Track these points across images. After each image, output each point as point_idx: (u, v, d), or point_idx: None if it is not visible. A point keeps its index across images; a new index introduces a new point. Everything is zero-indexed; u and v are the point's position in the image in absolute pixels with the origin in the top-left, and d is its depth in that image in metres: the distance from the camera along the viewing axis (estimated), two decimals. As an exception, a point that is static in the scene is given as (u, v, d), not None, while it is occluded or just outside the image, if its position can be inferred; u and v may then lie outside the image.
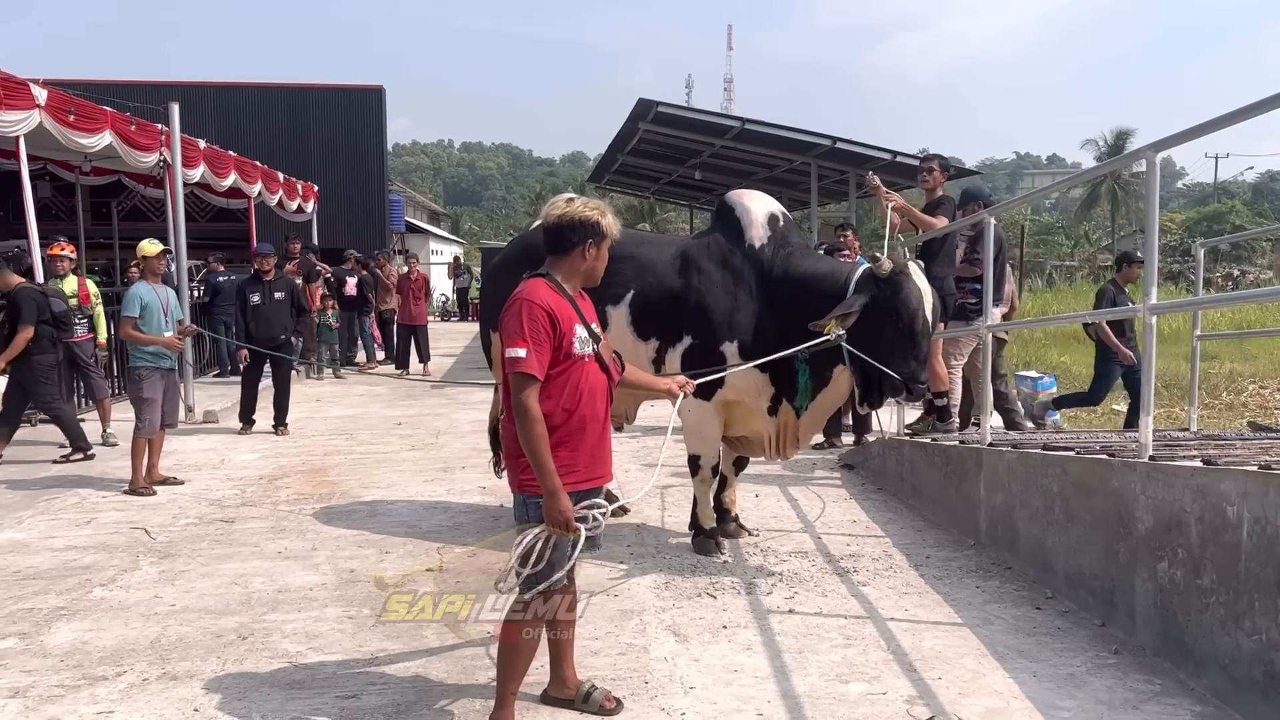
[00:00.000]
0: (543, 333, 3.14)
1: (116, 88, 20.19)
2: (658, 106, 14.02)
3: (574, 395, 3.22)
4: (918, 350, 4.63)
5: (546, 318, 3.15)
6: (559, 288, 3.29)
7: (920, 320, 4.60)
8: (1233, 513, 3.41)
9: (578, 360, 3.23)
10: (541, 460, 3.07)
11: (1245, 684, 3.35)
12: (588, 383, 3.26)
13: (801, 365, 4.94)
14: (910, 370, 4.60)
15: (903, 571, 5.11)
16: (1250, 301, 14.66)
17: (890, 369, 4.59)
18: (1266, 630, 3.24)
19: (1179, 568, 3.72)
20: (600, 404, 3.31)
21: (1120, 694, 3.59)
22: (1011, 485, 5.13)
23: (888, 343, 4.61)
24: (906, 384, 4.60)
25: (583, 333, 3.27)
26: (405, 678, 3.81)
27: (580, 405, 3.23)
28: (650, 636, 4.19)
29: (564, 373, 3.21)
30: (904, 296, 4.58)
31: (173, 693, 3.70)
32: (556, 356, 3.18)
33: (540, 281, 3.29)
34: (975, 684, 3.68)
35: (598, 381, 3.31)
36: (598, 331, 3.38)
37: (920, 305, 4.60)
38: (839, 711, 3.45)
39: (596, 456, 3.31)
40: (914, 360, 4.62)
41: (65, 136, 10.77)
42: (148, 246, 7.38)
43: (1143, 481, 3.95)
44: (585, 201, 3.37)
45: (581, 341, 3.25)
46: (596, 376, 3.31)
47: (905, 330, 4.58)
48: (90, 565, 5.33)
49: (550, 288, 3.27)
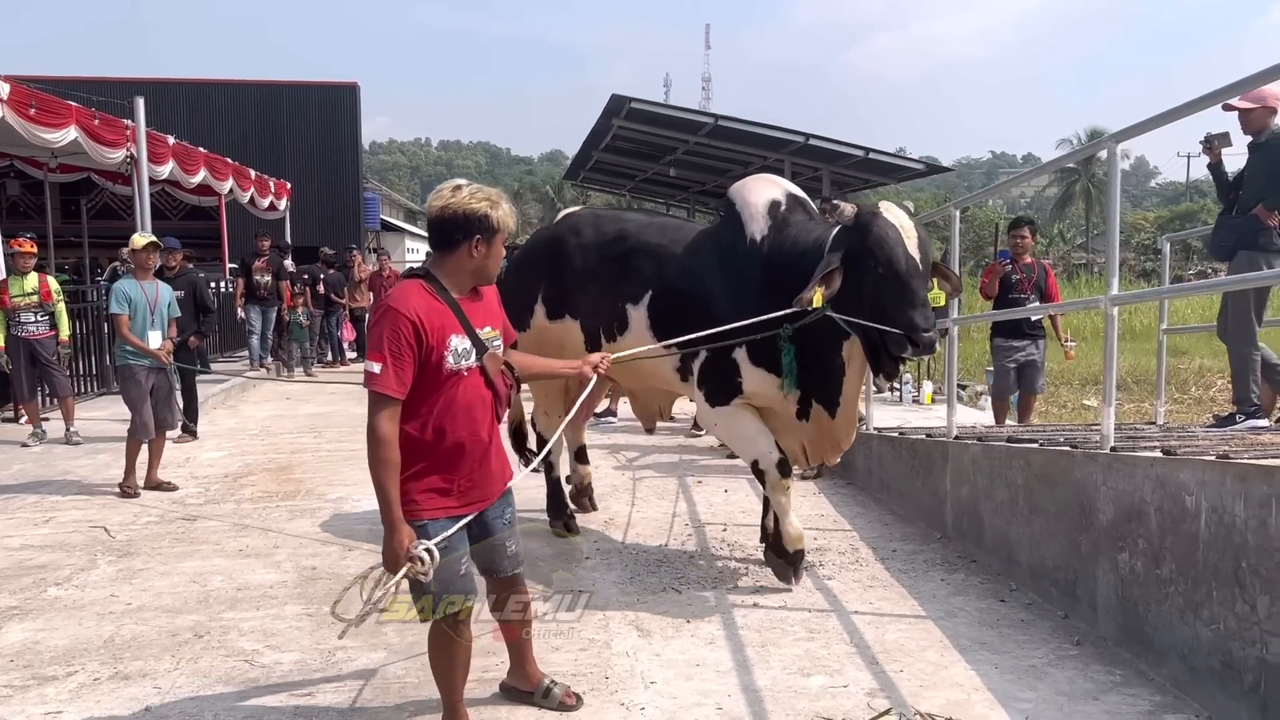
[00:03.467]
0: (405, 346, 2.81)
1: (86, 84, 19.90)
2: (631, 102, 13.95)
3: (448, 414, 2.92)
4: (910, 294, 4.00)
5: (411, 329, 2.82)
6: (439, 290, 2.95)
7: (901, 259, 4.01)
8: (1191, 502, 3.41)
9: (453, 375, 2.92)
10: (385, 489, 2.79)
11: (1204, 673, 3.36)
12: (465, 400, 2.95)
13: (786, 345, 4.37)
14: (908, 319, 3.96)
15: (868, 565, 5.10)
16: (1206, 292, 14.81)
17: (887, 324, 4.02)
18: (1224, 619, 3.24)
19: (1139, 558, 3.72)
20: (482, 422, 3.01)
21: (1081, 685, 3.58)
22: (977, 478, 5.13)
23: (874, 295, 4.05)
24: (909, 336, 3.97)
25: (461, 344, 2.93)
26: (361, 674, 3.76)
27: (456, 426, 2.94)
28: (613, 632, 4.15)
29: (437, 389, 2.91)
30: (875, 237, 4.03)
31: (124, 692, 3.63)
32: (426, 372, 2.88)
33: (415, 285, 2.96)
34: (937, 676, 3.67)
35: (478, 398, 3.00)
36: (491, 336, 3.05)
37: (897, 243, 4.03)
38: (799, 705, 3.43)
39: (478, 479, 3.04)
40: (909, 307, 3.98)
41: (29, 131, 10.57)
42: (136, 239, 7.18)
43: (1104, 472, 3.95)
44: (475, 190, 2.96)
45: (458, 355, 2.92)
46: (477, 392, 3.00)
47: (888, 274, 4.01)
48: (46, 564, 5.23)
49: (427, 292, 2.94)
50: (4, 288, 8.80)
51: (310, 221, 25.72)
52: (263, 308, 13.74)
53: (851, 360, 4.43)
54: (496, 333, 3.10)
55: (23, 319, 8.81)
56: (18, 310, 8.78)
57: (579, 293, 5.20)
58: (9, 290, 8.78)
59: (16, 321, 8.78)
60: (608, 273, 5.09)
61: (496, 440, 3.13)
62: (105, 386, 11.74)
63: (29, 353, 8.83)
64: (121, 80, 26.18)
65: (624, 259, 5.04)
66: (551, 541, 5.56)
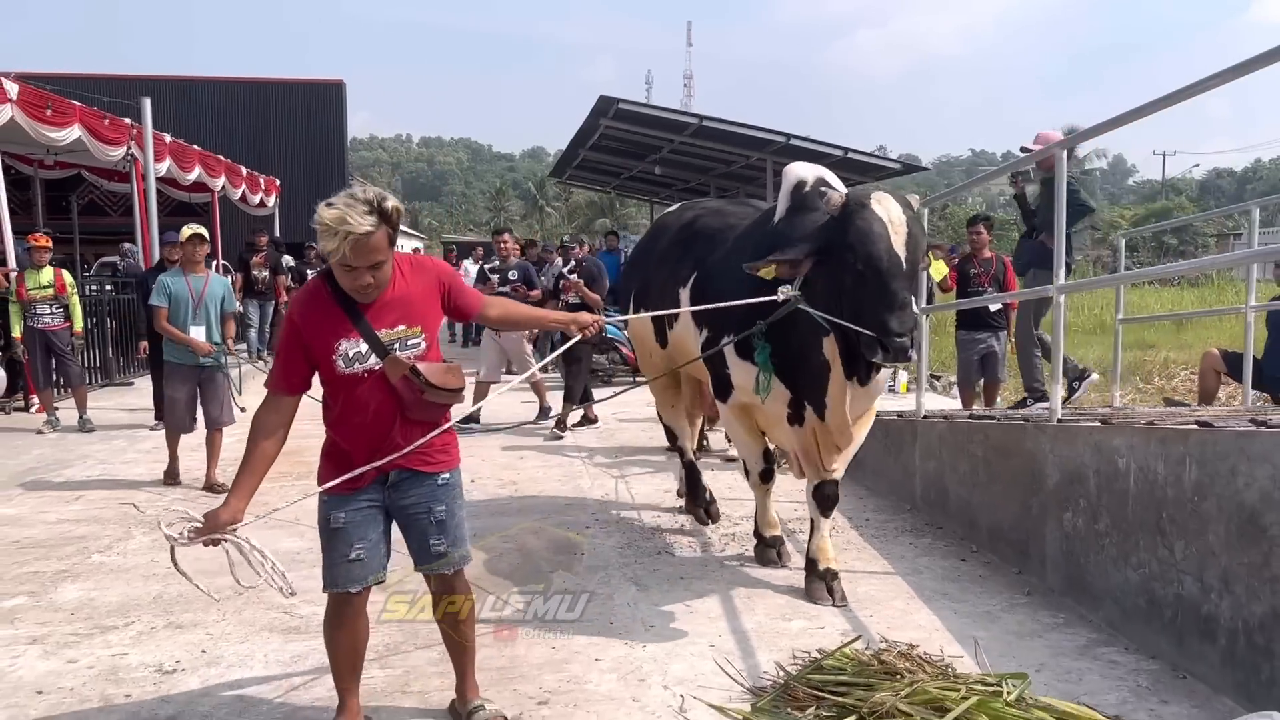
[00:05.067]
0: (286, 348, 2.93)
1: (77, 81, 20.17)
2: (618, 103, 14.43)
3: (349, 412, 2.95)
4: (888, 296, 3.68)
5: (291, 333, 2.92)
6: (335, 291, 2.91)
7: (881, 256, 3.71)
8: (1123, 464, 3.91)
9: (350, 377, 2.91)
10: (240, 471, 2.91)
11: (1132, 612, 3.86)
12: (364, 401, 2.93)
13: (760, 343, 4.20)
14: (882, 321, 3.66)
15: (844, 531, 5.59)
16: (1134, 280, 15.63)
17: (860, 325, 3.74)
18: (1148, 564, 3.74)
19: (1081, 516, 4.22)
20: (386, 424, 2.96)
21: (1029, 626, 4.08)
22: (942, 452, 5.63)
23: (851, 293, 3.78)
24: (881, 340, 3.67)
25: (352, 349, 2.89)
26: (393, 623, 4.21)
27: (356, 426, 2.96)
28: (614, 586, 4.62)
29: (338, 389, 2.95)
30: (857, 231, 3.75)
31: (179, 638, 4.07)
32: (323, 372, 2.94)
33: (315, 284, 3.00)
34: (902, 620, 4.16)
35: (381, 399, 2.94)
36: (403, 335, 2.96)
37: (880, 239, 3.73)
38: (781, 642, 3.90)
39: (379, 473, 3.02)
40: (885, 309, 3.68)
41: (36, 130, 10.97)
42: (183, 232, 6.98)
43: (1051, 441, 4.45)
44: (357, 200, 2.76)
45: (348, 359, 2.89)
46: (379, 394, 2.94)
47: (867, 271, 3.72)
48: (85, 535, 5.65)
49: (324, 294, 2.93)
50: (21, 280, 9.18)
51: (297, 217, 26.00)
52: (260, 302, 14.14)
53: (837, 360, 4.14)
54: (414, 330, 2.97)
55: (39, 311, 9.20)
56: (34, 302, 9.17)
57: (651, 285, 5.36)
58: (25, 283, 9.16)
59: (33, 313, 9.17)
60: (669, 259, 5.16)
61: (407, 441, 3.00)
62: (108, 378, 12.12)
63: (44, 343, 9.23)
64: (114, 77, 26.40)
65: (684, 244, 5.11)
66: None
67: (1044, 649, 3.83)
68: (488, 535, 5.38)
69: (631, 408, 9.65)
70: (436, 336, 3.11)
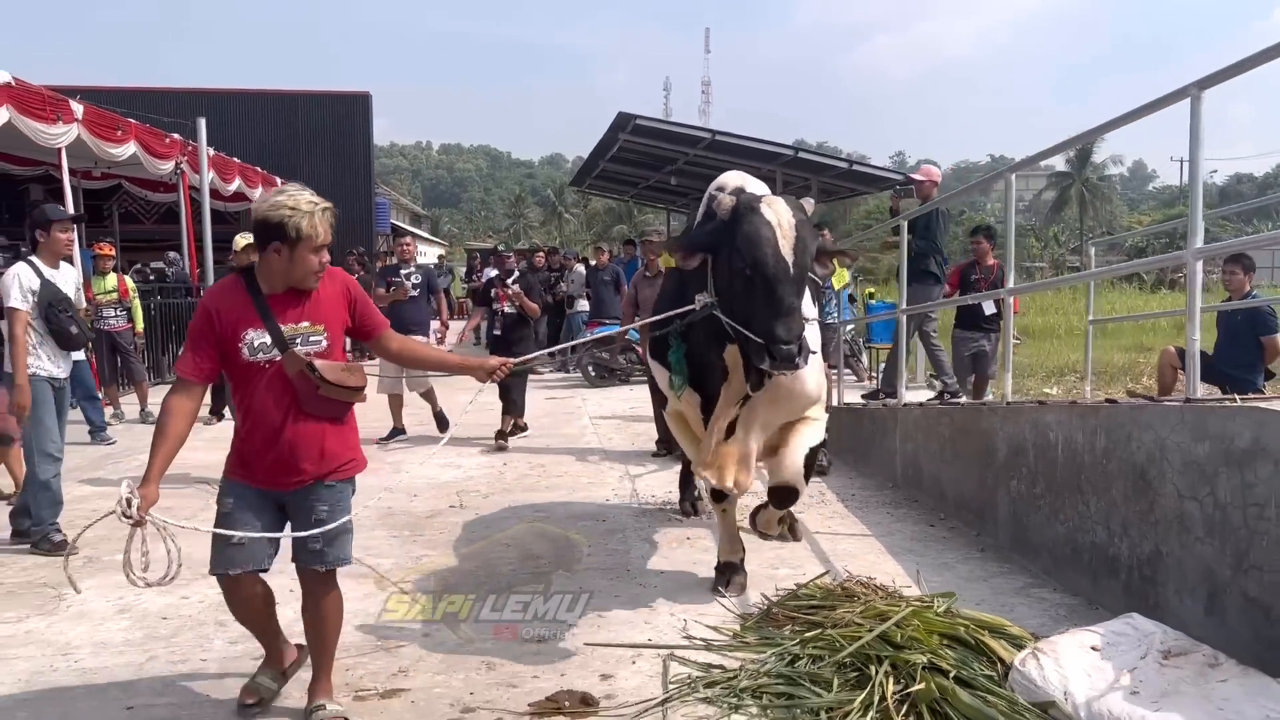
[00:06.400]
0: (199, 334, 3.12)
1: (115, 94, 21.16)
2: (636, 119, 15.27)
3: (251, 401, 3.16)
4: (774, 301, 3.61)
5: (204, 318, 3.11)
6: (249, 286, 3.15)
7: (769, 260, 3.63)
8: (1053, 436, 4.69)
9: (253, 366, 3.12)
10: (153, 454, 3.09)
11: (1061, 560, 4.64)
12: (265, 391, 3.13)
13: (675, 342, 4.26)
14: (768, 327, 3.59)
15: (831, 504, 6.39)
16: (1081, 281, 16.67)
17: (749, 330, 3.65)
18: (1072, 518, 4.52)
19: (1023, 482, 5.01)
20: (281, 415, 3.14)
21: (977, 573, 4.87)
22: (917, 435, 6.42)
23: (741, 298, 3.73)
24: (768, 347, 3.58)
25: (258, 339, 3.11)
26: (445, 569, 5.03)
27: (255, 414, 3.16)
28: (630, 544, 5.44)
29: (242, 378, 3.16)
30: (744, 234, 3.69)
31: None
32: (229, 361, 3.14)
33: (230, 279, 3.23)
34: (872, 569, 4.94)
35: (279, 391, 3.14)
36: (307, 332, 3.16)
37: (767, 242, 3.65)
38: (768, 586, 4.69)
39: (272, 465, 3.19)
40: (771, 314, 3.60)
41: (98, 147, 11.91)
42: (238, 240, 7.30)
43: (1001, 420, 5.24)
44: (290, 196, 3.07)
45: (253, 348, 3.10)
46: (278, 386, 3.14)
47: (755, 277, 3.65)
48: (171, 506, 6.45)
49: (238, 286, 3.17)
50: (88, 286, 10.10)
51: (326, 225, 26.95)
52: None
53: (739, 367, 4.01)
54: (316, 328, 3.18)
55: (104, 314, 10.12)
56: (100, 306, 10.09)
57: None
58: (92, 288, 10.07)
59: (99, 316, 10.08)
60: None
61: (301, 435, 3.16)
62: (160, 376, 13.04)
63: (110, 343, 10.16)
64: (150, 90, 27.50)
65: None
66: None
67: (987, 590, 4.62)
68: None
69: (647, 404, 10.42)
70: (340, 338, 3.28)
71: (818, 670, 3.48)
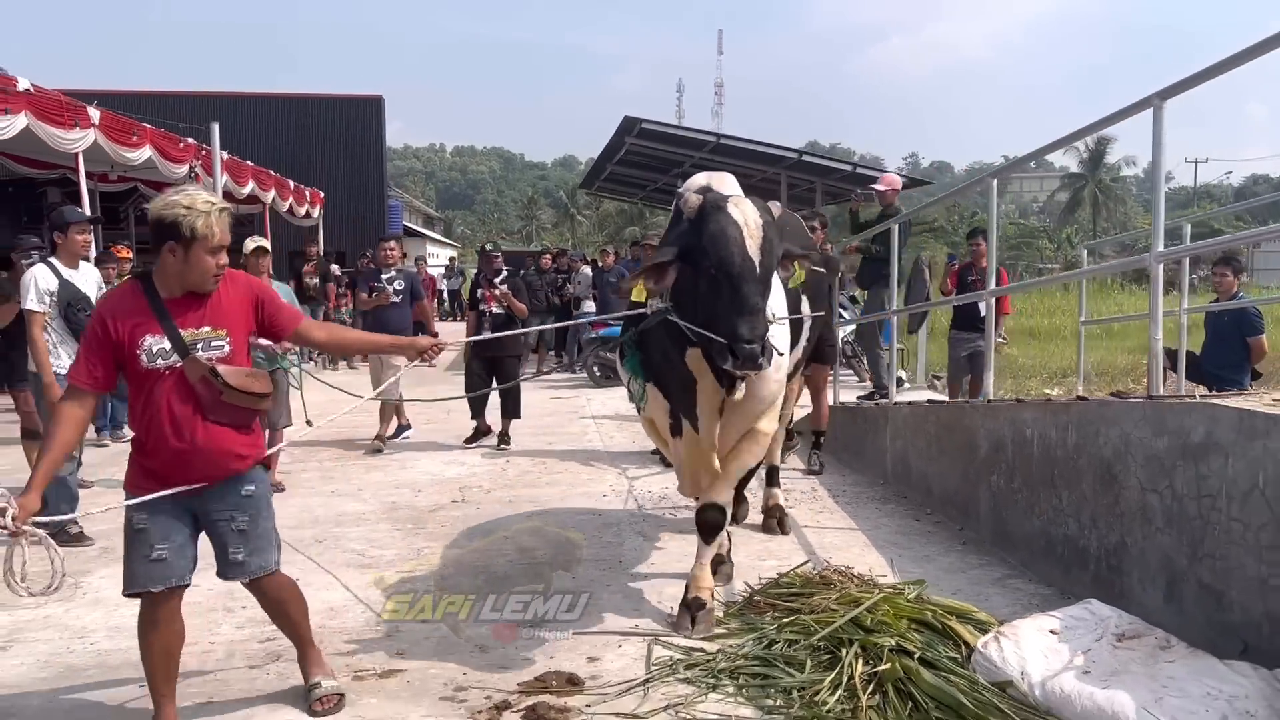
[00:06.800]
0: (93, 340, 3.04)
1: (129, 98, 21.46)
2: (642, 123, 15.45)
3: (150, 409, 3.06)
4: (738, 300, 3.55)
5: (100, 325, 3.03)
6: (147, 290, 3.08)
7: (734, 260, 3.59)
8: (1029, 433, 4.86)
9: (152, 373, 3.04)
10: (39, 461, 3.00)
11: (1037, 552, 4.81)
12: (166, 398, 3.04)
13: (630, 349, 4.29)
14: (732, 326, 3.51)
15: (822, 500, 6.57)
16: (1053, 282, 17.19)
17: (713, 331, 3.58)
18: (1047, 512, 4.69)
19: (1003, 477, 5.18)
20: (184, 422, 3.05)
21: (957, 565, 5.05)
22: (906, 432, 6.59)
23: (705, 299, 3.66)
24: (731, 347, 3.49)
25: (157, 345, 3.03)
26: (449, 559, 5.23)
27: (157, 422, 3.05)
28: (624, 537, 5.64)
29: (141, 385, 3.06)
30: (709, 234, 3.64)
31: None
32: (128, 369, 3.05)
33: (128, 284, 3.17)
34: (856, 560, 5.11)
35: (180, 397, 3.06)
36: (208, 337, 3.10)
37: (734, 241, 3.61)
38: (754, 576, 4.88)
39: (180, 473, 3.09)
40: (735, 314, 3.54)
41: (115, 152, 12.18)
42: (248, 244, 7.36)
43: (982, 418, 5.41)
44: (186, 195, 3.02)
45: (152, 354, 3.02)
46: (179, 392, 3.06)
47: (720, 276, 3.59)
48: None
49: (135, 291, 3.10)
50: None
51: (338, 228, 27.23)
52: (311, 308, 15.29)
53: (706, 370, 3.93)
54: (218, 333, 3.12)
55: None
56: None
57: None
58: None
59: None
60: None
61: (207, 440, 3.10)
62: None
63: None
64: (163, 94, 27.86)
65: None
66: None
67: (965, 581, 4.79)
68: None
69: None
70: (244, 343, 3.22)
71: (792, 653, 3.67)
